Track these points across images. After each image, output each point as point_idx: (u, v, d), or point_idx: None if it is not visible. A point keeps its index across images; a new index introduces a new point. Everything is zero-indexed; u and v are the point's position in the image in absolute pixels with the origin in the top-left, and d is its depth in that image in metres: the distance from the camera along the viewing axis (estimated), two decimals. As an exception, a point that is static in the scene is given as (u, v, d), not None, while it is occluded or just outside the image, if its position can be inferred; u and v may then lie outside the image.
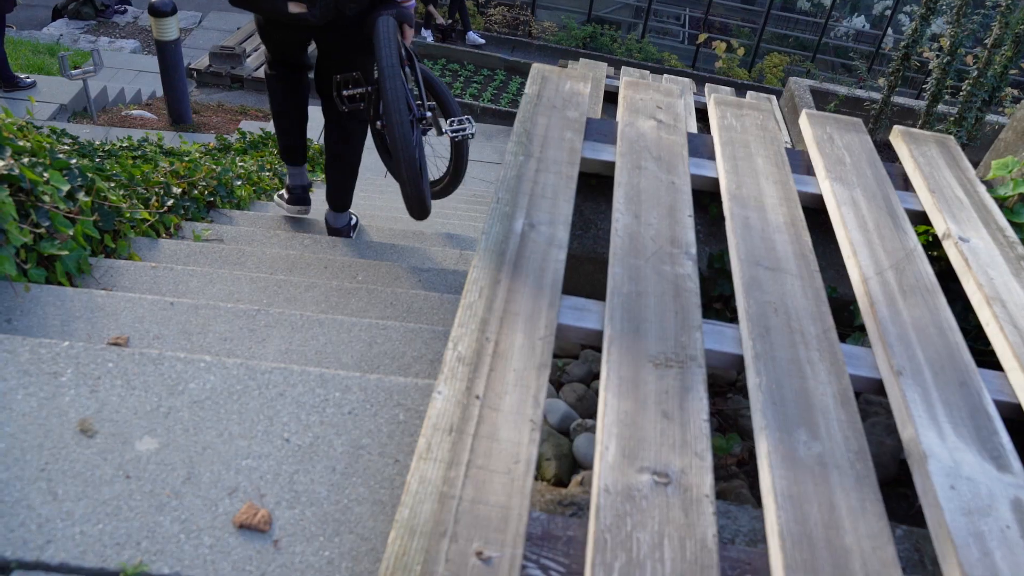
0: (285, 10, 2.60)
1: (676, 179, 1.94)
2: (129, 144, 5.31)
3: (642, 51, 11.21)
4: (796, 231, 1.86)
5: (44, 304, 2.05)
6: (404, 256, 2.91)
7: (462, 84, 9.37)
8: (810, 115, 2.45)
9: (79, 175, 2.67)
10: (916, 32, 5.91)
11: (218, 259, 2.63)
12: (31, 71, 8.40)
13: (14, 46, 9.41)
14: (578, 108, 2.13)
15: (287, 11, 2.60)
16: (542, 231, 1.66)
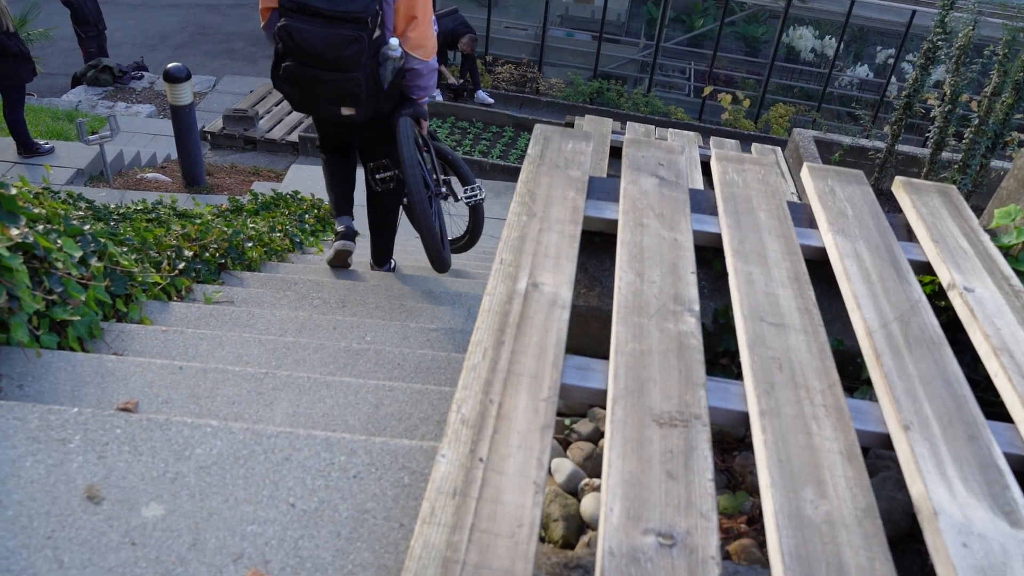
0: (339, 113, 3.33)
1: (679, 236, 1.95)
2: (144, 207, 5.40)
3: (648, 105, 11.35)
4: (799, 285, 1.87)
5: (55, 370, 2.07)
6: (413, 315, 2.93)
7: (471, 141, 9.49)
8: (811, 168, 2.47)
9: (92, 241, 2.71)
10: (917, 82, 5.98)
11: (228, 321, 2.66)
12: (50, 137, 8.58)
13: (35, 113, 9.63)
14: (580, 167, 2.16)
15: (341, 114, 3.33)
16: (546, 291, 1.67)
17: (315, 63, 3.14)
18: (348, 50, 3.08)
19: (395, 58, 3.24)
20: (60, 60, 13.45)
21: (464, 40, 10.26)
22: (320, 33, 3.07)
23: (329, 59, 3.12)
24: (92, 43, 12.41)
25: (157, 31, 15.40)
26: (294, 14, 3.08)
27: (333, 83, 3.18)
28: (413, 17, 3.25)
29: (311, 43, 3.08)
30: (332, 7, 3.04)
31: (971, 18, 5.68)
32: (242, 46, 14.70)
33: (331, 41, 3.07)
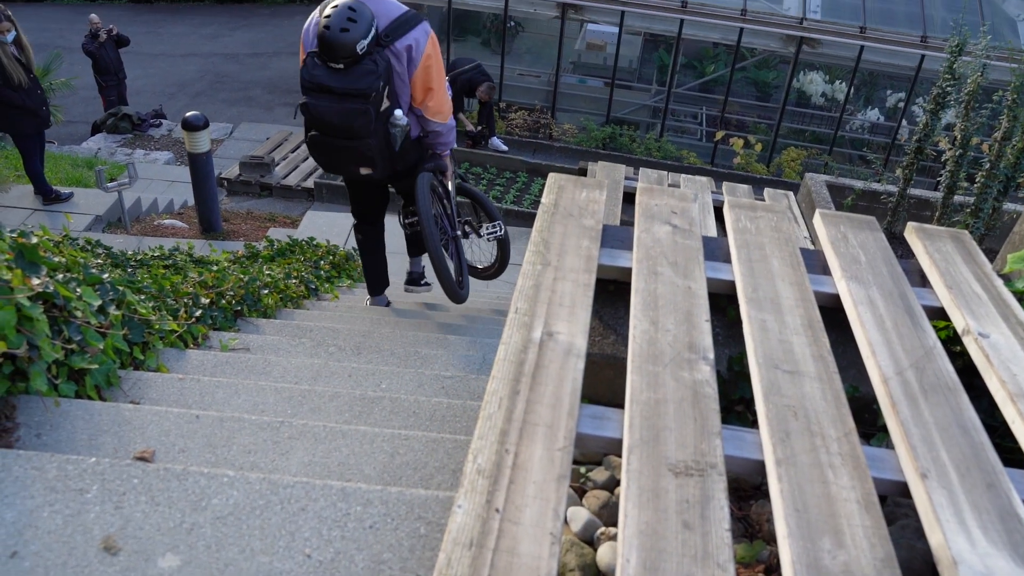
0: (357, 173, 3.81)
1: (692, 284, 1.97)
2: (161, 253, 5.47)
3: (661, 150, 11.43)
4: (814, 332, 1.87)
5: (73, 418, 2.09)
6: (428, 363, 2.94)
7: (485, 186, 9.58)
8: (823, 215, 2.49)
9: (111, 289, 2.75)
10: (927, 127, 6.01)
11: (244, 369, 2.67)
12: (70, 184, 8.72)
13: (55, 160, 9.80)
14: (594, 216, 2.18)
15: (359, 174, 3.81)
16: (560, 340, 1.68)
17: (332, 133, 3.60)
18: (358, 122, 3.52)
19: (401, 127, 3.66)
20: (81, 108, 13.71)
21: (482, 88, 10.43)
22: (334, 108, 3.50)
23: (343, 129, 3.55)
24: (112, 92, 12.66)
25: (176, 79, 15.70)
26: (312, 92, 3.53)
27: (349, 149, 3.63)
28: (429, 88, 3.71)
29: (327, 116, 3.53)
30: (342, 86, 3.46)
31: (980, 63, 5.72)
32: (259, 94, 14.95)
33: (343, 114, 3.50)
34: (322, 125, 3.59)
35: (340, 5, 3.43)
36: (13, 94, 6.86)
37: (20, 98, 6.94)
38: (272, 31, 19.06)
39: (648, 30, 12.14)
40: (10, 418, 2.09)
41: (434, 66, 3.69)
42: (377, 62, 3.47)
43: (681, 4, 11.05)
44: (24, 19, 19.25)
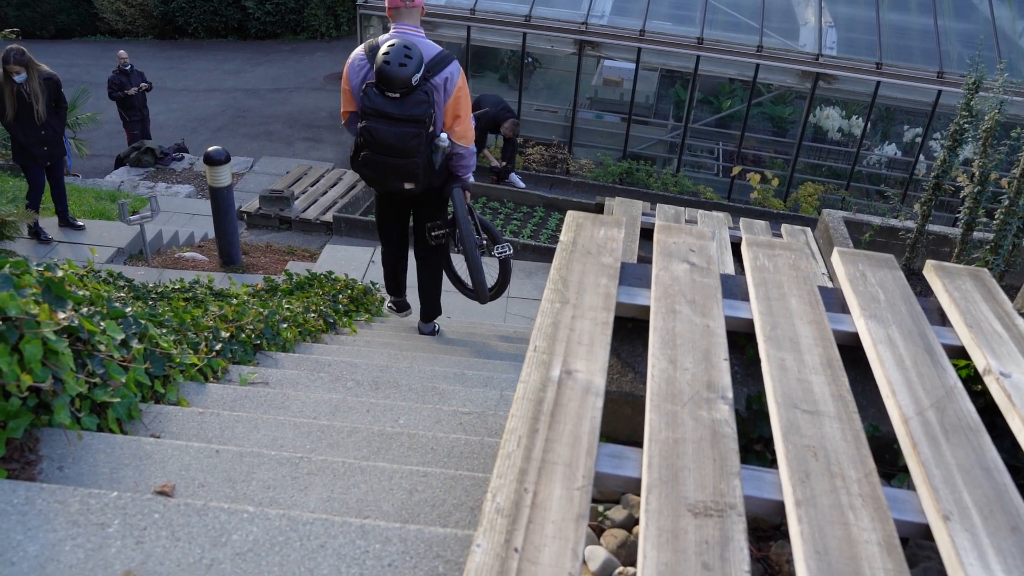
0: (403, 187, 4.28)
1: (711, 322, 1.97)
2: (181, 286, 5.52)
3: (677, 185, 11.46)
4: (833, 372, 1.87)
5: (95, 452, 2.11)
6: (446, 398, 2.95)
7: (503, 221, 9.63)
8: (842, 253, 2.49)
9: (133, 323, 2.78)
10: (945, 163, 6.01)
11: (263, 403, 2.69)
12: (93, 216, 8.83)
13: (79, 193, 9.94)
14: (612, 254, 2.20)
15: (404, 188, 4.29)
16: (579, 378, 1.69)
17: (387, 152, 4.12)
18: (412, 143, 4.08)
19: (444, 147, 4.23)
20: (105, 142, 13.92)
21: (507, 125, 10.56)
22: (392, 131, 4.05)
23: (398, 149, 4.09)
24: (136, 126, 12.86)
25: (199, 114, 15.93)
26: (373, 117, 4.05)
27: (400, 166, 4.16)
28: (458, 116, 4.27)
29: (386, 138, 4.07)
30: (401, 112, 4.01)
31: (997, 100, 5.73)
32: (279, 128, 15.14)
33: (400, 136, 4.06)
34: (380, 146, 4.10)
35: (397, 44, 3.99)
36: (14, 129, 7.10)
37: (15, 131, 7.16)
38: (293, 67, 19.34)
39: (665, 66, 12.24)
40: (33, 451, 2.11)
41: (463, 97, 4.26)
42: (428, 92, 4.06)
43: (697, 41, 11.14)
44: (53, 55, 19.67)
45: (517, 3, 11.79)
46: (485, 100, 10.77)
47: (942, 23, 11.43)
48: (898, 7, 11.84)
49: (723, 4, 11.83)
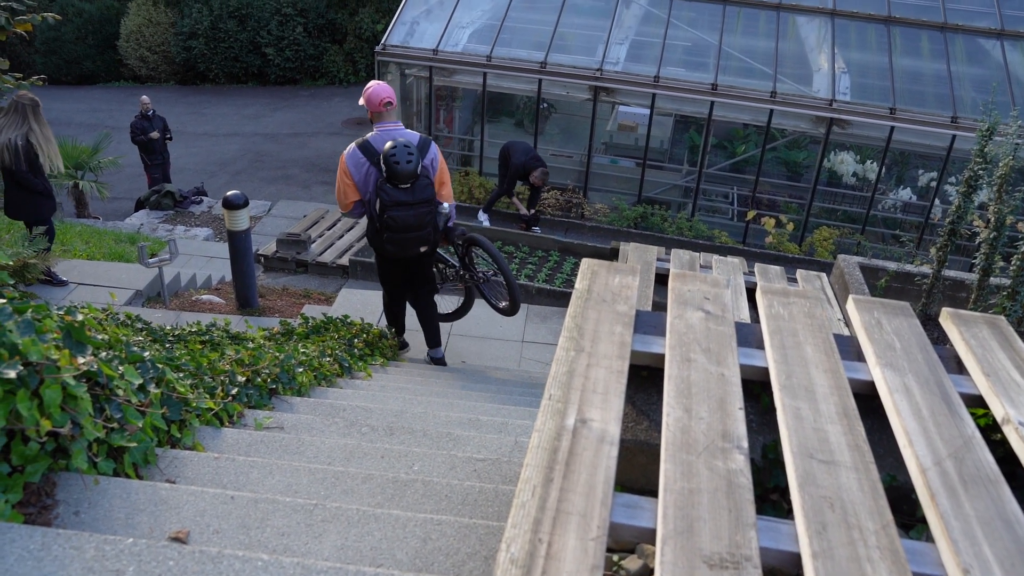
0: (417, 251, 5.21)
1: (726, 371, 1.97)
2: (198, 329, 5.55)
3: (692, 229, 11.49)
4: (849, 422, 1.86)
5: (111, 497, 2.12)
6: (460, 444, 2.94)
7: (517, 265, 9.66)
8: (857, 300, 2.49)
9: (151, 367, 2.80)
10: (960, 209, 6.00)
11: (278, 448, 2.69)
12: (112, 259, 8.93)
13: (99, 236, 10.06)
14: (627, 302, 2.21)
15: (418, 252, 5.23)
16: (594, 427, 1.69)
17: (408, 230, 4.99)
18: (427, 218, 5.01)
19: (445, 213, 5.23)
20: (126, 185, 14.13)
21: (536, 174, 10.65)
22: (411, 214, 4.93)
23: (416, 226, 4.99)
24: (157, 170, 13.06)
25: (218, 158, 16.16)
26: (393, 207, 4.86)
27: (418, 237, 5.06)
28: (443, 183, 5.27)
29: (408, 221, 4.94)
30: (414, 198, 4.89)
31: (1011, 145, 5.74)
32: (297, 172, 15.32)
33: (417, 216, 4.96)
34: (403, 227, 4.94)
35: (398, 145, 4.79)
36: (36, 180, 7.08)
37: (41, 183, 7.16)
38: (312, 112, 19.63)
39: (679, 112, 12.34)
40: (50, 495, 2.12)
41: (444, 168, 5.28)
42: (427, 176, 4.98)
43: (711, 87, 11.24)
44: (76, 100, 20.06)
45: (532, 50, 11.95)
46: (514, 148, 10.86)
47: (955, 68, 11.49)
48: (911, 53, 11.93)
49: (736, 51, 11.96)
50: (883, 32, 12.05)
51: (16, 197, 7.07)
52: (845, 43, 12.11)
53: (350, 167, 5.01)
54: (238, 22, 21.75)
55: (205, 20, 21.57)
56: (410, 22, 12.61)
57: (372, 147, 4.97)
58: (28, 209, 7.21)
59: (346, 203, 5.14)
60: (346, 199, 5.12)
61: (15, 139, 6.72)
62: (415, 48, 12.12)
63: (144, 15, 22.57)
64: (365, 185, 5.04)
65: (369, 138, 5.03)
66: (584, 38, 12.43)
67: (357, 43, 22.59)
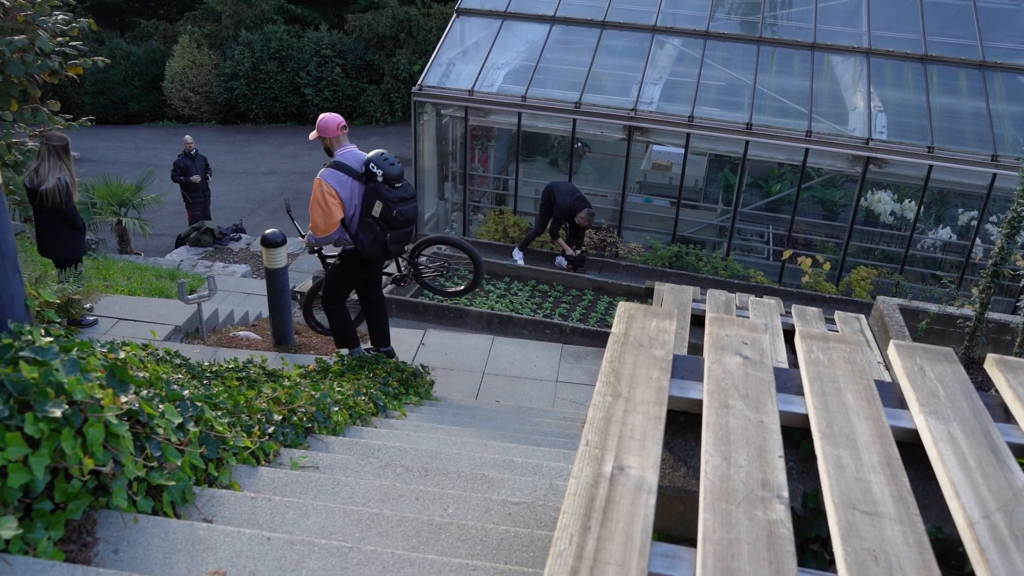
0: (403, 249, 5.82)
1: (764, 418, 1.95)
2: (235, 365, 5.61)
3: (727, 269, 11.42)
4: (892, 471, 1.83)
5: (149, 535, 2.13)
6: (494, 487, 2.93)
7: (551, 304, 9.65)
8: (898, 346, 2.46)
9: (190, 406, 2.83)
10: (1003, 250, 5.91)
11: (313, 489, 2.70)
12: (153, 295, 9.07)
13: (140, 272, 10.24)
14: (664, 346, 2.20)
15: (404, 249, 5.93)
16: (631, 474, 1.68)
17: (407, 224, 5.47)
18: (416, 212, 5.49)
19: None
20: (168, 222, 14.40)
21: (582, 215, 10.69)
22: (410, 207, 5.45)
23: (413, 219, 5.50)
24: (198, 207, 13.30)
25: (257, 196, 16.42)
26: (397, 204, 5.30)
27: (410, 232, 5.54)
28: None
29: (410, 214, 5.45)
30: (407, 194, 5.40)
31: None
32: (334, 210, 15.51)
33: (414, 209, 5.48)
34: (406, 222, 5.41)
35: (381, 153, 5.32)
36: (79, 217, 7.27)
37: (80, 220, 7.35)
38: (349, 150, 19.90)
39: (713, 151, 12.35)
40: (90, 532, 2.14)
41: None
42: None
43: (746, 126, 11.24)
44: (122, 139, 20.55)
45: (567, 90, 12.06)
46: (558, 189, 10.89)
47: (994, 106, 11.38)
48: (948, 91, 11.85)
49: (771, 90, 11.96)
50: (919, 70, 11.99)
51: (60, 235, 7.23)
52: (881, 82, 12.07)
53: (335, 186, 5.29)
54: (278, 63, 22.23)
55: (247, 62, 22.07)
56: (446, 63, 12.79)
57: (347, 166, 5.33)
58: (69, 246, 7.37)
59: (332, 222, 5.35)
60: (333, 218, 5.33)
61: (63, 179, 6.92)
62: (451, 88, 12.28)
63: (188, 57, 23.15)
64: (351, 201, 5.35)
65: (338, 159, 5.38)
66: (618, 78, 12.52)
67: (394, 84, 22.97)
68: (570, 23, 13.01)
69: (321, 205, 5.33)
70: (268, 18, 23.49)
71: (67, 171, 6.98)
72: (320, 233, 5.44)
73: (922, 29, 12.37)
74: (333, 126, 5.50)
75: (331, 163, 5.36)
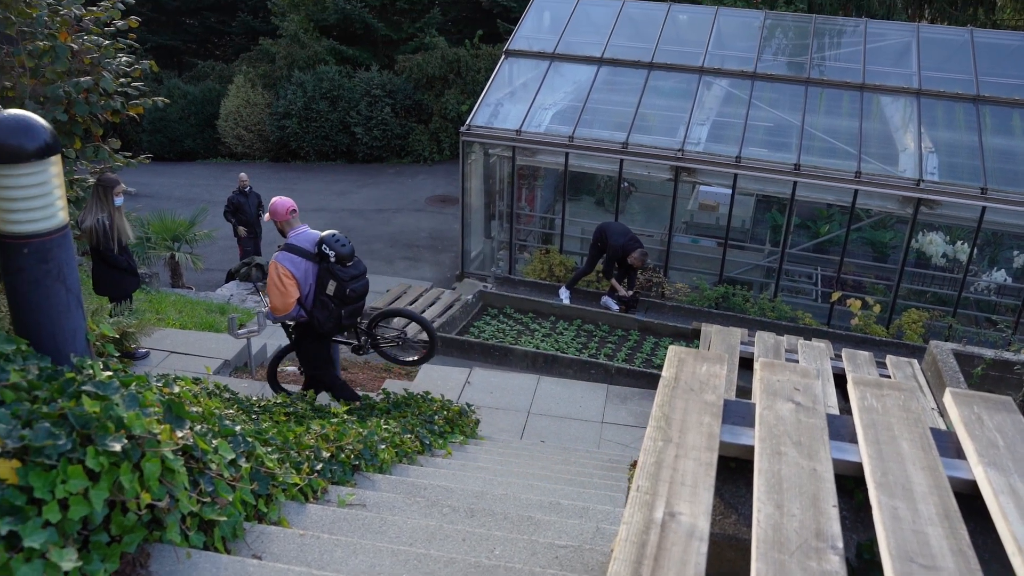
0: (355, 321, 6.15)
1: (818, 466, 1.92)
2: (282, 400, 5.68)
3: (775, 310, 11.29)
4: (951, 524, 1.79)
5: (201, 570, 2.16)
6: (541, 529, 2.91)
7: (597, 344, 9.63)
8: (955, 395, 2.41)
9: (242, 442, 2.88)
10: (1063, 295, 5.76)
11: (361, 527, 2.71)
12: (203, 328, 9.24)
13: (191, 306, 10.44)
14: (715, 391, 2.18)
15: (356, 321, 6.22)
16: (683, 521, 1.66)
17: (359, 300, 5.83)
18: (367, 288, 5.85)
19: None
20: (218, 257, 14.68)
21: (635, 255, 10.69)
22: (362, 284, 5.79)
23: (364, 294, 5.85)
24: (249, 243, 13.55)
25: (306, 233, 16.68)
26: (349, 282, 5.63)
27: (362, 305, 5.95)
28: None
29: (362, 291, 5.80)
30: (360, 271, 5.76)
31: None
32: (381, 247, 15.70)
33: (365, 285, 5.84)
34: (358, 297, 5.77)
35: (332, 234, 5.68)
36: (119, 257, 7.34)
37: (125, 260, 7.43)
38: (396, 189, 20.19)
39: (761, 191, 12.28)
40: (144, 566, 2.18)
41: None
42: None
43: (794, 167, 11.18)
44: (177, 176, 21.06)
45: (614, 130, 12.12)
46: (610, 230, 10.90)
47: (1051, 147, 11.20)
48: (1002, 132, 11.67)
49: (819, 131, 11.90)
50: (972, 111, 11.84)
51: (104, 274, 7.37)
52: (932, 122, 11.94)
53: (289, 268, 5.60)
54: (330, 103, 22.68)
55: (299, 101, 22.56)
56: (494, 103, 12.96)
57: (300, 247, 5.67)
58: (113, 286, 7.48)
59: (289, 302, 5.64)
60: (289, 298, 5.62)
61: (102, 219, 7.05)
62: (499, 128, 12.42)
63: (243, 96, 23.75)
64: (305, 280, 5.67)
65: (290, 242, 5.73)
66: (665, 119, 12.56)
67: (442, 123, 23.28)
68: (617, 64, 13.11)
69: (278, 287, 5.59)
70: (321, 59, 24.02)
71: (107, 212, 7.10)
72: (278, 312, 5.72)
73: (974, 69, 12.24)
74: (282, 211, 5.81)
75: (284, 245, 5.70)
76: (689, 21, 14.19)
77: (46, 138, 2.50)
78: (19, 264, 2.55)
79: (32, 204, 2.49)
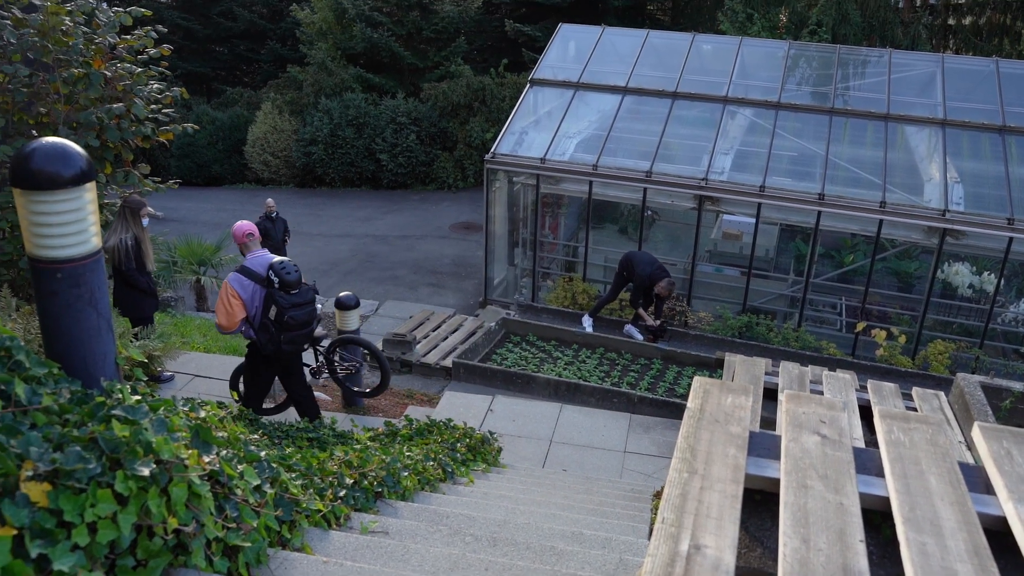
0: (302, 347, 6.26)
1: (844, 500, 1.91)
2: (305, 425, 5.71)
3: (799, 340, 11.21)
4: (980, 561, 1.77)
5: (225, 596, 2.17)
6: (563, 560, 2.90)
7: (619, 373, 9.60)
8: (984, 429, 2.39)
9: (267, 467, 2.90)
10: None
11: (383, 555, 2.72)
12: (227, 352, 9.32)
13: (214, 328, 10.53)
14: (740, 423, 2.18)
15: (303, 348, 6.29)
16: (708, 554, 1.66)
17: (301, 328, 5.94)
18: (312, 316, 6.04)
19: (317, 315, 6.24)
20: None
21: (663, 284, 10.67)
22: (303, 312, 5.91)
23: (307, 322, 5.99)
24: (273, 269, 13.66)
25: (330, 257, 16.82)
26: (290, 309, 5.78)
27: (307, 333, 6.06)
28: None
29: (302, 319, 5.91)
30: (302, 299, 5.87)
31: None
32: (404, 274, 15.79)
33: (308, 314, 5.97)
34: (299, 325, 5.89)
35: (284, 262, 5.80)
36: (140, 278, 7.39)
37: (145, 281, 7.47)
38: (421, 216, 20.32)
39: (785, 221, 12.24)
40: (168, 591, 2.19)
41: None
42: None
43: (818, 196, 11.15)
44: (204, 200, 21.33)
45: (638, 159, 12.16)
46: (637, 259, 10.90)
47: (1080, 178, 11.10)
48: (1029, 162, 11.59)
49: (844, 160, 11.87)
50: (997, 141, 11.77)
51: (124, 295, 7.43)
52: (957, 152, 11.88)
53: (237, 289, 5.83)
54: (355, 130, 22.94)
55: (325, 128, 22.84)
56: (519, 132, 13.04)
57: (252, 271, 5.87)
58: (132, 307, 7.53)
59: (233, 321, 5.84)
60: (234, 317, 5.83)
61: (126, 240, 7.14)
62: (523, 157, 12.49)
63: (270, 123, 24.08)
64: (252, 302, 5.88)
65: (245, 264, 5.93)
66: (689, 148, 12.58)
67: (467, 151, 23.46)
68: (642, 94, 13.18)
69: (225, 305, 5.83)
70: (347, 87, 24.33)
71: (132, 233, 7.19)
72: (223, 330, 5.92)
73: (999, 99, 12.18)
74: (239, 234, 6.09)
75: (239, 267, 5.93)
76: (713, 51, 14.25)
77: (82, 165, 2.55)
78: (52, 288, 2.60)
79: (67, 230, 2.54)
